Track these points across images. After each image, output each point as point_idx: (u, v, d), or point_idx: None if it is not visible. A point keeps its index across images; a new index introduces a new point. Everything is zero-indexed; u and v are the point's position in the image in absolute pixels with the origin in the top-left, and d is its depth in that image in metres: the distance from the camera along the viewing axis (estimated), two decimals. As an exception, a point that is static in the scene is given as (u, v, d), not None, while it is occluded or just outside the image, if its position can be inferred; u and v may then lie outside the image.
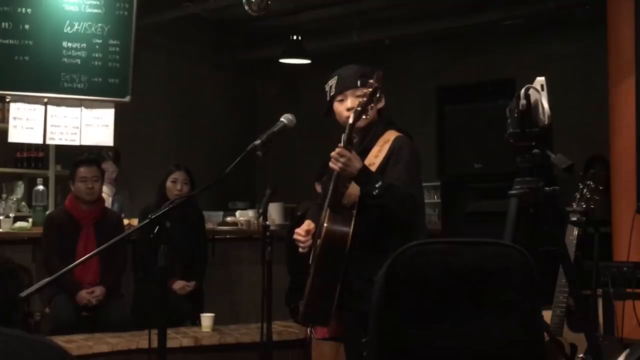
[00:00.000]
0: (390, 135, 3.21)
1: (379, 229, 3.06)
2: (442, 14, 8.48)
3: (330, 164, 3.01)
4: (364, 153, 3.21)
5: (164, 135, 9.44)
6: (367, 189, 3.00)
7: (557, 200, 2.42)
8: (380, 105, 3.24)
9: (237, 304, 6.22)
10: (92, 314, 5.02)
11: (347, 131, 2.99)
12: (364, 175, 3.00)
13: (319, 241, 3.11)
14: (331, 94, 3.30)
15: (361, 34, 8.78)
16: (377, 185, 2.98)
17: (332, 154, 2.99)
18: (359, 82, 3.22)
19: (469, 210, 6.48)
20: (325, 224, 3.05)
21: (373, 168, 3.09)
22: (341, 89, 3.27)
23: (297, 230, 3.29)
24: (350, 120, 2.96)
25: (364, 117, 2.96)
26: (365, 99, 2.93)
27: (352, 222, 3.05)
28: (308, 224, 3.32)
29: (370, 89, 2.93)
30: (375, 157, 3.15)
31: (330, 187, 3.08)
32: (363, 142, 3.27)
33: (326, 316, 3.23)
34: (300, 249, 3.30)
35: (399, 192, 3.02)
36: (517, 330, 1.84)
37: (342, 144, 2.99)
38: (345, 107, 3.23)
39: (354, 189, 3.09)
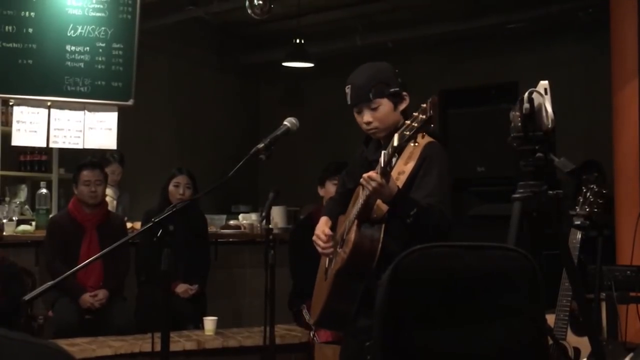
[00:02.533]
0: (420, 139, 3.00)
1: (406, 242, 2.98)
2: (445, 17, 8.48)
3: (361, 186, 2.88)
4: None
5: (167, 139, 9.45)
6: (400, 215, 2.89)
7: (561, 203, 2.42)
8: (404, 106, 3.11)
9: (240, 307, 6.23)
10: (95, 318, 5.02)
11: (388, 153, 2.77)
12: (398, 202, 2.87)
13: (343, 252, 3.04)
14: (348, 103, 3.14)
15: (364, 37, 8.78)
16: (411, 213, 2.85)
17: (364, 175, 2.83)
18: (371, 95, 3.05)
19: (471, 214, 6.49)
20: (352, 238, 2.95)
21: (403, 177, 2.95)
22: (354, 103, 3.11)
23: (317, 232, 3.22)
24: (395, 143, 2.71)
25: (411, 144, 2.72)
26: (416, 124, 2.63)
27: (381, 238, 2.93)
28: (326, 222, 3.27)
29: (424, 117, 2.61)
30: (405, 165, 3.00)
31: (361, 202, 2.95)
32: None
33: (342, 324, 3.19)
34: (319, 250, 3.25)
35: (433, 216, 2.90)
36: (520, 334, 1.84)
37: (379, 167, 2.79)
38: (362, 120, 3.11)
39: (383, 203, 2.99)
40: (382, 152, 2.81)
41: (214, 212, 7.11)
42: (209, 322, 4.72)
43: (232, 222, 6.64)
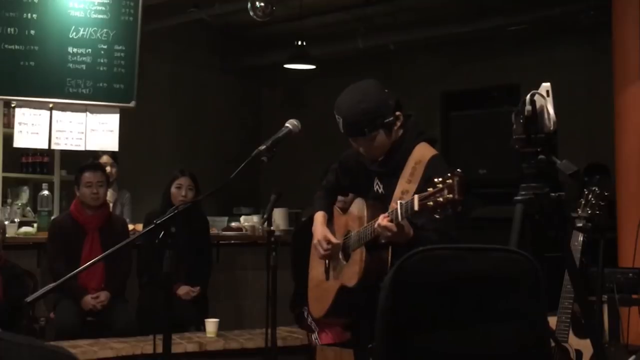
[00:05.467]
0: (422, 154, 3.06)
1: None
2: (446, 19, 8.49)
3: (377, 232, 2.90)
4: (393, 173, 3.11)
5: (169, 141, 9.45)
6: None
7: (563, 206, 2.42)
8: (398, 125, 3.09)
9: (241, 309, 6.22)
10: (96, 319, 5.02)
11: (407, 211, 2.75)
12: (413, 244, 2.81)
13: (351, 271, 3.10)
14: (341, 130, 3.12)
15: (366, 39, 8.78)
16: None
17: (380, 225, 2.84)
18: (366, 130, 3.02)
19: (473, 216, 6.48)
20: (363, 261, 3.01)
21: (407, 197, 2.91)
22: (348, 136, 3.11)
23: (319, 237, 3.29)
24: (416, 208, 2.67)
25: (412, 161, 2.79)
26: (441, 199, 2.58)
27: (389, 259, 2.98)
28: (323, 219, 3.34)
29: (450, 196, 2.57)
30: (409, 183, 3.00)
31: (369, 235, 2.98)
32: (389, 162, 3.14)
33: (349, 311, 3.26)
34: (319, 254, 3.31)
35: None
36: (523, 336, 1.84)
37: (397, 216, 2.81)
38: (357, 148, 3.13)
39: None
40: (399, 202, 2.80)
41: (216, 214, 7.11)
42: (211, 324, 4.72)
43: (233, 224, 6.64)
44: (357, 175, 3.31)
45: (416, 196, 2.69)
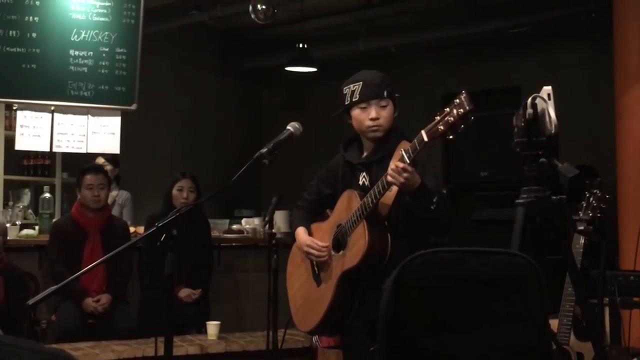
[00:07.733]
0: (407, 145, 3.17)
1: (404, 241, 3.08)
2: (448, 21, 8.49)
3: (390, 179, 2.94)
4: (380, 162, 3.22)
5: (170, 143, 9.45)
6: (423, 204, 2.99)
7: (564, 208, 2.42)
8: (396, 114, 3.28)
9: (242, 311, 6.22)
10: (98, 322, 5.02)
11: (417, 148, 2.84)
12: (422, 191, 2.96)
13: (351, 254, 3.14)
14: (353, 100, 3.23)
15: (367, 41, 8.79)
16: (434, 200, 2.97)
17: (393, 167, 2.91)
18: (385, 93, 3.21)
19: (474, 218, 6.47)
20: (365, 238, 3.07)
21: None
22: (366, 98, 3.21)
23: (308, 242, 3.37)
24: (426, 139, 2.79)
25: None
26: (452, 119, 2.72)
27: (389, 236, 3.08)
28: (305, 233, 3.44)
29: (462, 110, 2.72)
30: None
31: (372, 199, 3.05)
32: (379, 151, 3.28)
33: (340, 328, 3.28)
34: (314, 257, 3.34)
35: (446, 204, 3.06)
36: (525, 339, 1.84)
37: (406, 159, 2.88)
38: (369, 116, 3.21)
39: (386, 200, 3.10)
40: (403, 149, 2.92)
41: (217, 217, 7.11)
42: (212, 326, 4.71)
43: (235, 227, 6.64)
44: (339, 178, 3.40)
45: (422, 130, 2.80)
